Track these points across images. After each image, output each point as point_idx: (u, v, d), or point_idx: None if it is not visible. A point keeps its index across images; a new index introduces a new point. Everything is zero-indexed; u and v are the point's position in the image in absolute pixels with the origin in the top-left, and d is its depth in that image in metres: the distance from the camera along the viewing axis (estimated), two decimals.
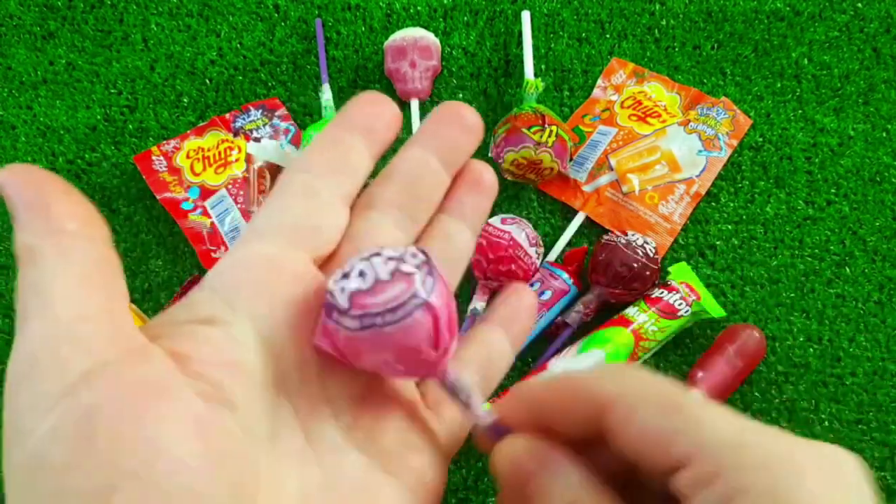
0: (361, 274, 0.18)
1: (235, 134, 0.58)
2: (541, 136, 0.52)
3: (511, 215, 0.53)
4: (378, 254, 0.18)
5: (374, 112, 0.22)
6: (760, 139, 0.59)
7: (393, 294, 0.17)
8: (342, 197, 0.21)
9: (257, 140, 0.58)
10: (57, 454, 0.14)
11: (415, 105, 0.58)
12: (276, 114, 0.59)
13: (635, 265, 0.50)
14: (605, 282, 0.51)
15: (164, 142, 0.58)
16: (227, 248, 0.54)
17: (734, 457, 0.16)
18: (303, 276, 0.19)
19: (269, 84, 0.61)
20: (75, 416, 0.15)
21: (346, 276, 0.18)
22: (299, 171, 0.21)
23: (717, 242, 0.56)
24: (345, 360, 0.19)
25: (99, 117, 0.60)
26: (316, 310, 0.19)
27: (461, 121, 0.22)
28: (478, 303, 0.52)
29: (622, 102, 0.60)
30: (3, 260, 0.56)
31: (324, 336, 0.18)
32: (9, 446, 0.15)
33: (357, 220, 0.21)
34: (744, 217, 0.56)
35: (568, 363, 0.49)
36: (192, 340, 0.17)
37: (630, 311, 0.50)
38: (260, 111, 0.59)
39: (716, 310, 0.51)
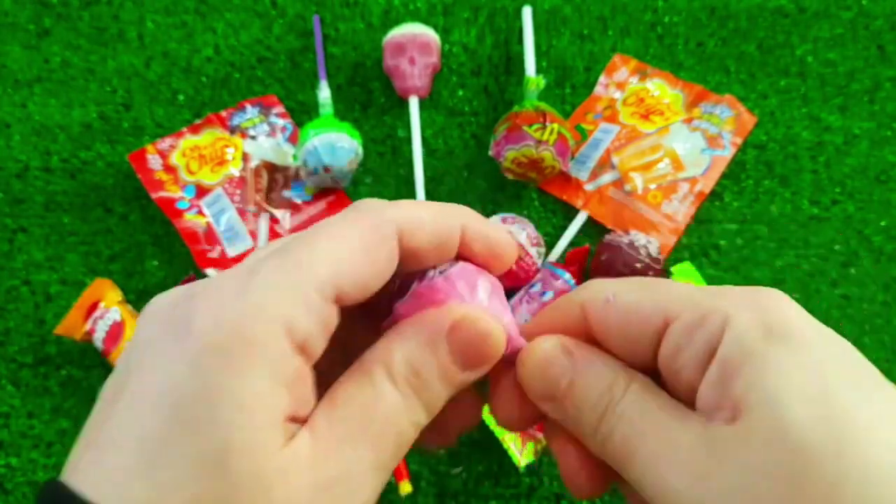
0: None
1: (232, 132, 0.57)
2: (542, 134, 0.52)
3: (512, 214, 0.52)
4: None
5: None
6: (765, 137, 0.58)
7: None
8: None
9: (254, 138, 0.57)
10: None
11: (414, 102, 0.57)
12: (273, 111, 0.59)
13: (638, 265, 0.49)
14: None
15: (160, 140, 0.57)
16: (222, 248, 0.53)
17: (712, 301, 0.18)
18: None
19: (266, 81, 0.60)
20: None
21: None
22: None
23: (721, 242, 0.55)
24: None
25: (94, 115, 0.59)
26: None
27: None
28: None
29: (625, 100, 0.59)
30: None
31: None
32: None
33: None
34: (748, 216, 0.56)
35: None
36: None
37: None
38: (257, 109, 0.59)
39: None
